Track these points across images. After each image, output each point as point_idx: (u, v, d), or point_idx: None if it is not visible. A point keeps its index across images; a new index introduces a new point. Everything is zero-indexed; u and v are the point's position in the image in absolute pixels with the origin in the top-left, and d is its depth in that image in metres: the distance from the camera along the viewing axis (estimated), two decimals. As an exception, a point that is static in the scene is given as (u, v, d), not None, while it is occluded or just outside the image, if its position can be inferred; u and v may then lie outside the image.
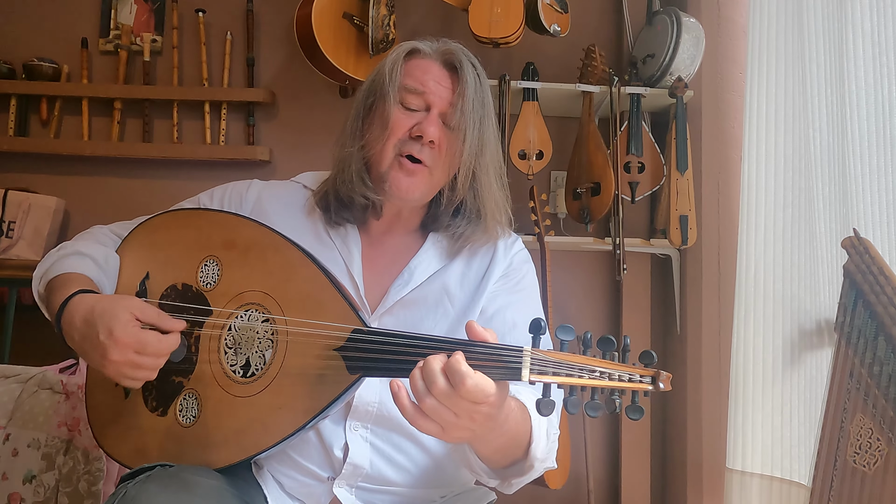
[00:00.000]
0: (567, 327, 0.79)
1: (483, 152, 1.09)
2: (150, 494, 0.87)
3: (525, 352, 0.76)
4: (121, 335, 0.90)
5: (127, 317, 0.92)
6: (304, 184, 1.20)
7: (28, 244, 2.12)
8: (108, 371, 0.92)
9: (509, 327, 1.09)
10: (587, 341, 0.78)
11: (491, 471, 0.95)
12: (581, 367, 0.76)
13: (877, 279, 1.46)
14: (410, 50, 1.11)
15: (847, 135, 1.62)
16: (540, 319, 0.79)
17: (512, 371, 0.76)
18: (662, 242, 2.16)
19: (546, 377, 0.75)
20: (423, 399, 0.77)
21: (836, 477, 1.48)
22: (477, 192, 1.11)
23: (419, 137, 1.06)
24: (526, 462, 0.93)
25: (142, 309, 0.95)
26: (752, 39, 1.93)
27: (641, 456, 2.27)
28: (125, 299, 0.97)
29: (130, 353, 0.91)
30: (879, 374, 1.43)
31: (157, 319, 0.96)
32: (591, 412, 0.76)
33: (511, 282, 1.14)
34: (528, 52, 2.23)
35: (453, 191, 1.10)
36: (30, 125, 2.30)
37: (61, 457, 1.56)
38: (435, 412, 0.77)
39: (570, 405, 0.75)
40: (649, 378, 0.76)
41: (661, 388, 0.76)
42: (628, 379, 0.76)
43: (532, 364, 0.76)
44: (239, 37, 2.35)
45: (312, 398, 0.92)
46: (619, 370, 0.76)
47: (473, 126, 1.06)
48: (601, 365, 0.76)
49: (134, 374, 0.92)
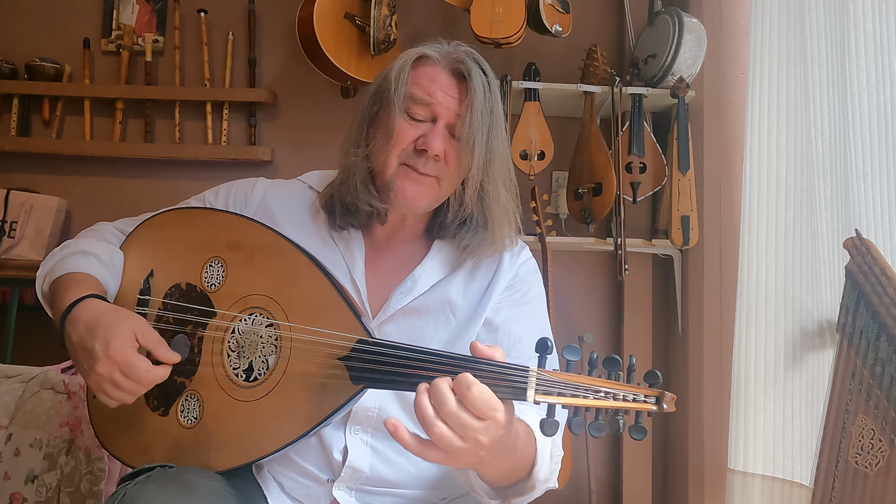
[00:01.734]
0: (573, 347, 0.78)
1: (492, 163, 1.06)
2: (149, 495, 0.86)
3: (531, 372, 0.76)
4: (114, 351, 0.90)
5: (128, 335, 0.92)
6: (310, 184, 1.19)
7: (30, 244, 2.13)
8: (89, 381, 0.93)
9: (515, 340, 1.08)
10: (593, 361, 0.78)
11: (492, 490, 0.93)
12: (586, 388, 0.75)
13: (879, 280, 1.46)
14: (419, 56, 1.07)
15: (849, 135, 1.61)
16: (546, 339, 0.78)
17: (517, 391, 0.76)
18: (664, 243, 2.16)
19: (551, 398, 0.75)
20: (432, 427, 0.75)
21: (837, 478, 1.48)
22: (485, 203, 1.08)
23: (424, 151, 1.03)
24: (528, 482, 0.92)
25: (144, 332, 0.94)
26: (753, 40, 1.93)
27: (643, 456, 2.27)
28: (133, 318, 0.96)
29: (116, 372, 0.90)
30: (881, 375, 1.43)
31: (155, 347, 0.95)
32: (595, 433, 0.76)
33: (517, 293, 1.12)
34: (530, 53, 2.23)
35: (461, 204, 1.07)
36: (32, 125, 2.30)
37: (63, 457, 1.56)
38: (442, 439, 0.75)
39: (573, 426, 0.76)
40: (654, 398, 0.76)
41: (664, 408, 0.76)
42: (633, 399, 0.76)
43: (538, 384, 0.75)
44: (241, 37, 2.35)
45: (315, 406, 0.92)
46: (623, 390, 0.76)
47: (481, 137, 1.04)
48: (606, 385, 0.76)
49: (111, 393, 0.92)
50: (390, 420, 0.77)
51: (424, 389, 0.77)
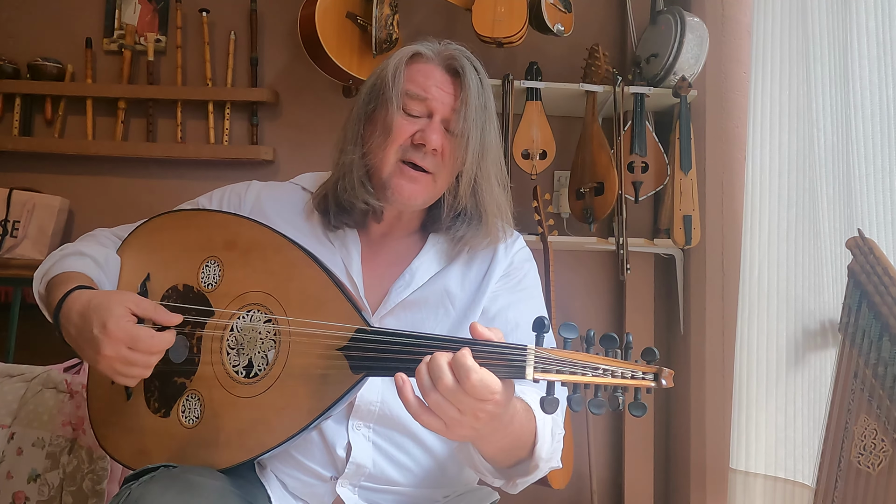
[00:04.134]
0: (570, 325, 0.79)
1: (485, 157, 1.09)
2: (153, 495, 0.87)
3: (529, 350, 0.77)
4: (113, 329, 0.90)
5: (121, 311, 0.92)
6: (303, 186, 1.20)
7: (32, 243, 2.13)
8: (101, 366, 0.92)
9: (512, 327, 1.09)
10: (590, 339, 0.79)
11: (495, 470, 0.95)
12: (584, 365, 0.76)
13: (881, 279, 1.46)
14: (413, 54, 1.10)
15: (851, 134, 1.61)
16: (543, 318, 0.79)
17: (516, 369, 0.77)
18: (666, 242, 2.16)
19: (550, 375, 0.76)
20: (429, 394, 0.78)
21: (840, 478, 1.48)
22: (479, 196, 1.10)
23: (421, 145, 1.05)
24: (531, 462, 0.93)
25: (137, 303, 0.95)
26: (755, 39, 1.92)
27: (645, 456, 2.26)
28: (121, 294, 0.97)
29: (122, 349, 0.90)
30: (884, 375, 1.43)
31: (154, 313, 0.95)
32: (595, 409, 0.76)
33: (512, 281, 1.14)
34: (532, 52, 2.23)
35: (455, 197, 1.10)
36: (34, 125, 2.30)
37: (65, 456, 1.56)
38: (439, 408, 0.78)
39: (573, 403, 0.76)
40: (652, 375, 0.77)
41: (663, 384, 0.76)
42: (631, 376, 0.76)
43: (536, 362, 0.76)
44: (243, 36, 2.35)
45: (316, 398, 0.92)
46: (621, 367, 0.76)
47: (476, 132, 1.06)
48: (604, 362, 0.76)
49: (126, 371, 0.92)
50: (400, 375, 0.80)
51: (426, 361, 0.79)
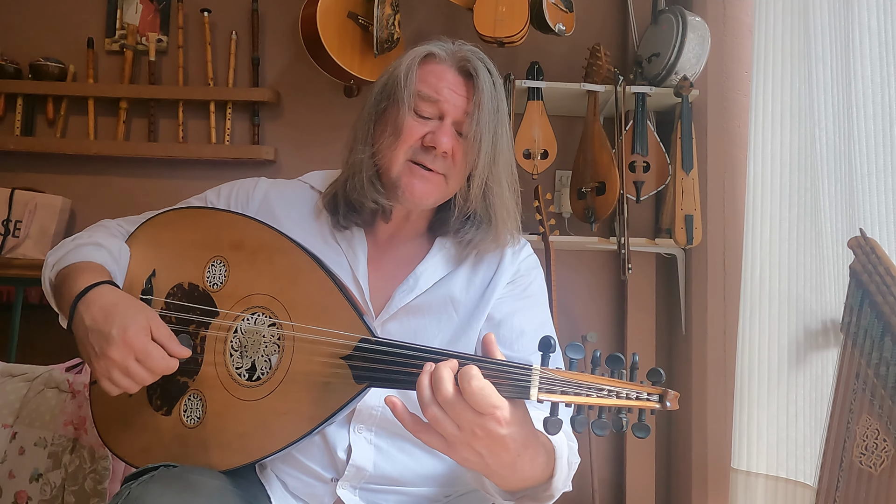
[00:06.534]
0: (576, 345, 0.78)
1: (496, 161, 1.07)
2: (153, 495, 0.87)
3: (534, 370, 0.76)
4: (132, 337, 0.91)
5: (144, 324, 0.93)
6: (312, 184, 1.19)
7: (34, 243, 2.13)
8: (97, 364, 0.92)
9: (517, 334, 1.08)
10: (596, 360, 0.78)
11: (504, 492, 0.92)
12: (590, 386, 0.75)
13: (883, 279, 1.45)
14: (426, 54, 1.08)
15: (853, 134, 1.61)
16: (550, 338, 0.78)
17: (521, 389, 0.76)
18: (667, 242, 2.16)
19: (555, 396, 0.75)
20: (427, 408, 0.77)
21: (842, 478, 1.47)
22: (489, 200, 1.09)
23: (431, 148, 1.04)
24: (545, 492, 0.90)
25: (157, 326, 0.95)
26: (757, 38, 1.92)
27: (646, 456, 2.26)
28: (148, 310, 0.97)
29: (130, 358, 0.91)
30: (886, 375, 1.43)
31: (167, 341, 0.95)
32: (598, 431, 0.76)
33: (518, 288, 1.13)
34: (533, 52, 2.23)
35: (465, 200, 1.08)
36: (36, 125, 2.31)
37: (67, 455, 1.56)
38: (437, 423, 0.76)
39: (577, 424, 0.76)
40: (657, 396, 0.76)
41: (668, 406, 0.75)
42: (636, 397, 0.76)
43: (541, 383, 0.75)
44: (244, 36, 2.35)
45: (318, 406, 0.92)
46: (626, 388, 0.76)
47: (488, 135, 1.05)
48: (609, 383, 0.76)
49: (118, 379, 0.92)
50: (390, 397, 0.79)
51: (428, 370, 0.78)
